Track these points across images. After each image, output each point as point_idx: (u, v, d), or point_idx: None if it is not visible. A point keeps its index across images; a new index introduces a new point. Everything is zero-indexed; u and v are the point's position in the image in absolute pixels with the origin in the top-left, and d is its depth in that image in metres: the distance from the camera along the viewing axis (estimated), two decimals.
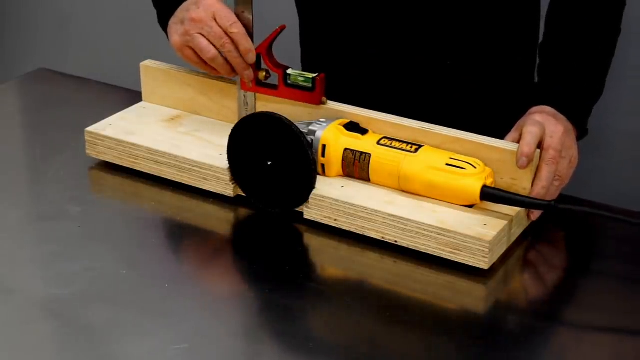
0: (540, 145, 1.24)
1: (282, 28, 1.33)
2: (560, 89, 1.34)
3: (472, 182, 1.21)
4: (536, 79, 1.56)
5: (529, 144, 1.21)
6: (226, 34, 1.31)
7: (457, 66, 1.46)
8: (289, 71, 1.34)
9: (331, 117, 1.31)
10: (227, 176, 1.31)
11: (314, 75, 1.32)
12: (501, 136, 1.28)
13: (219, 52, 1.32)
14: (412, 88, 1.48)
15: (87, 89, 1.71)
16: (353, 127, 1.30)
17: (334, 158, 1.28)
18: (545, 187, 1.22)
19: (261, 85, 1.36)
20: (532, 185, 1.23)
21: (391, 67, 1.48)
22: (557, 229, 1.27)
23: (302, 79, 1.33)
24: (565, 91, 1.34)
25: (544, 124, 1.25)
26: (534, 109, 1.32)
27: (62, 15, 2.64)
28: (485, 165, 1.23)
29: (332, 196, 1.25)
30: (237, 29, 1.31)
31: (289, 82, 1.34)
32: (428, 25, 1.44)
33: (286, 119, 1.26)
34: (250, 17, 1.34)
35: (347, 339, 1.09)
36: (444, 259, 1.19)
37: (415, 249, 1.20)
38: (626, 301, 1.15)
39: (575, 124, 1.32)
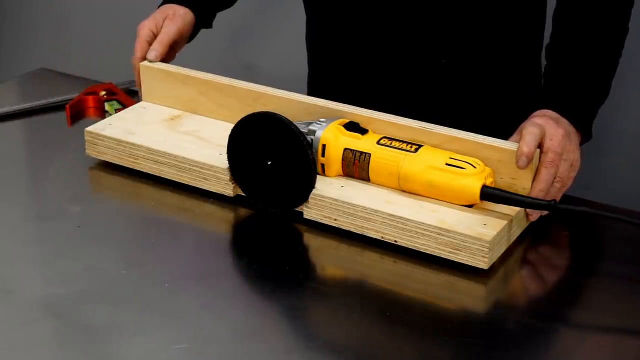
0: (540, 148, 1.24)
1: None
2: (564, 93, 1.34)
3: (472, 182, 1.21)
4: (538, 80, 1.56)
5: (529, 144, 1.21)
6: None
7: (453, 64, 1.46)
8: None
9: (331, 117, 1.31)
10: (227, 176, 1.31)
11: None
12: (498, 135, 1.28)
13: None
14: (408, 86, 1.48)
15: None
16: (353, 127, 1.30)
17: (334, 158, 1.28)
18: (543, 190, 1.22)
19: None
20: (531, 188, 1.23)
21: (387, 66, 1.48)
22: (558, 229, 1.27)
23: None
24: (569, 95, 1.34)
25: (544, 127, 1.25)
26: (536, 113, 1.31)
27: (62, 15, 2.64)
28: (486, 165, 1.23)
29: (332, 196, 1.25)
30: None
31: None
32: (423, 23, 1.44)
33: (286, 119, 1.26)
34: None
35: (347, 338, 1.09)
36: (444, 259, 1.19)
37: (415, 249, 1.20)
38: (627, 302, 1.15)
39: (580, 128, 1.32)
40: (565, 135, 1.26)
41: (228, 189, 1.32)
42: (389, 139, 1.27)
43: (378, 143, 1.27)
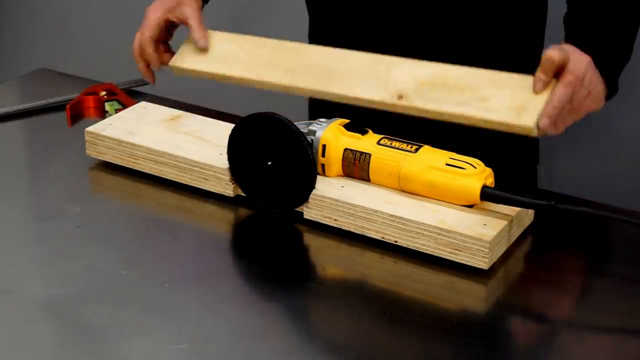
0: (562, 70, 1.19)
1: None
2: (587, 44, 1.28)
3: (472, 182, 1.21)
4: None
5: (547, 67, 1.17)
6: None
7: (454, 63, 1.46)
8: None
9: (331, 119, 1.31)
10: (227, 176, 1.31)
11: None
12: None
13: None
14: None
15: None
16: (353, 127, 1.30)
17: (334, 158, 1.28)
18: (557, 108, 1.17)
19: None
20: (544, 106, 1.17)
21: None
22: (558, 229, 1.27)
23: None
24: (593, 47, 1.28)
25: (568, 52, 1.20)
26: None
27: (62, 15, 2.64)
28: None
29: (332, 196, 1.25)
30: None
31: None
32: (424, 22, 1.44)
33: (286, 119, 1.26)
34: None
35: (347, 339, 1.09)
36: (444, 259, 1.19)
37: (415, 249, 1.20)
38: (627, 302, 1.15)
39: (605, 76, 1.26)
40: (590, 63, 1.21)
41: (228, 189, 1.32)
42: (389, 138, 1.27)
43: (378, 143, 1.27)
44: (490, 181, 1.23)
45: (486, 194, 1.21)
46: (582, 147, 1.79)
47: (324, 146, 1.28)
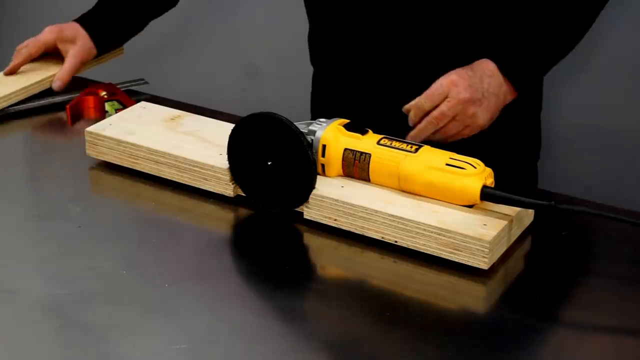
0: None
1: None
2: (509, 42, 1.38)
3: (472, 182, 1.21)
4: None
5: (415, 113, 1.36)
6: None
7: (452, 64, 1.45)
8: None
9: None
10: (227, 176, 1.32)
11: None
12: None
13: None
14: (410, 84, 1.48)
15: None
16: (353, 127, 1.30)
17: (334, 158, 1.28)
18: (412, 137, 1.36)
19: None
20: None
21: (389, 65, 1.48)
22: (558, 229, 1.27)
23: None
24: (512, 43, 1.37)
25: (449, 88, 1.33)
26: (475, 62, 1.37)
27: (62, 15, 2.64)
28: None
29: (332, 196, 1.25)
30: None
31: None
32: (424, 23, 1.44)
33: (286, 119, 1.26)
34: None
35: (347, 339, 1.09)
36: (444, 259, 1.19)
37: (415, 249, 1.20)
38: (626, 301, 1.15)
39: (511, 78, 1.36)
40: (467, 100, 1.33)
41: (228, 189, 1.32)
42: (389, 138, 1.27)
43: (378, 143, 1.27)
44: (490, 181, 1.23)
45: (486, 194, 1.21)
46: (582, 147, 1.79)
47: (324, 146, 1.28)
